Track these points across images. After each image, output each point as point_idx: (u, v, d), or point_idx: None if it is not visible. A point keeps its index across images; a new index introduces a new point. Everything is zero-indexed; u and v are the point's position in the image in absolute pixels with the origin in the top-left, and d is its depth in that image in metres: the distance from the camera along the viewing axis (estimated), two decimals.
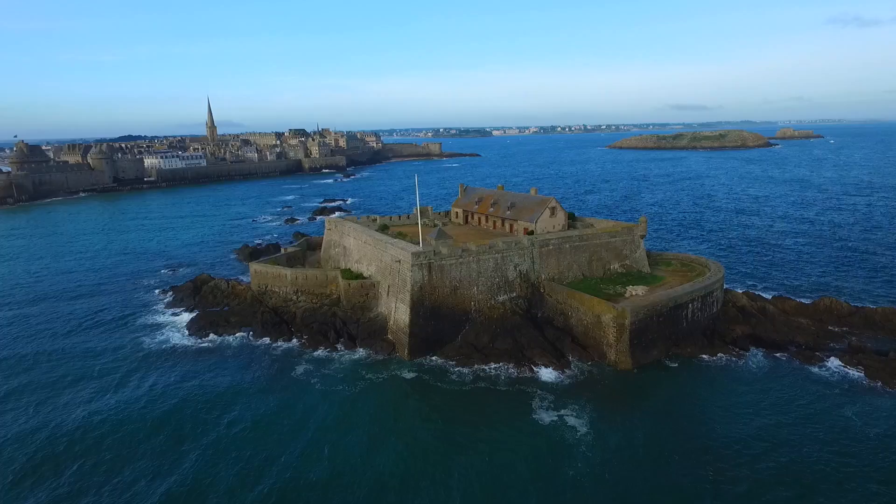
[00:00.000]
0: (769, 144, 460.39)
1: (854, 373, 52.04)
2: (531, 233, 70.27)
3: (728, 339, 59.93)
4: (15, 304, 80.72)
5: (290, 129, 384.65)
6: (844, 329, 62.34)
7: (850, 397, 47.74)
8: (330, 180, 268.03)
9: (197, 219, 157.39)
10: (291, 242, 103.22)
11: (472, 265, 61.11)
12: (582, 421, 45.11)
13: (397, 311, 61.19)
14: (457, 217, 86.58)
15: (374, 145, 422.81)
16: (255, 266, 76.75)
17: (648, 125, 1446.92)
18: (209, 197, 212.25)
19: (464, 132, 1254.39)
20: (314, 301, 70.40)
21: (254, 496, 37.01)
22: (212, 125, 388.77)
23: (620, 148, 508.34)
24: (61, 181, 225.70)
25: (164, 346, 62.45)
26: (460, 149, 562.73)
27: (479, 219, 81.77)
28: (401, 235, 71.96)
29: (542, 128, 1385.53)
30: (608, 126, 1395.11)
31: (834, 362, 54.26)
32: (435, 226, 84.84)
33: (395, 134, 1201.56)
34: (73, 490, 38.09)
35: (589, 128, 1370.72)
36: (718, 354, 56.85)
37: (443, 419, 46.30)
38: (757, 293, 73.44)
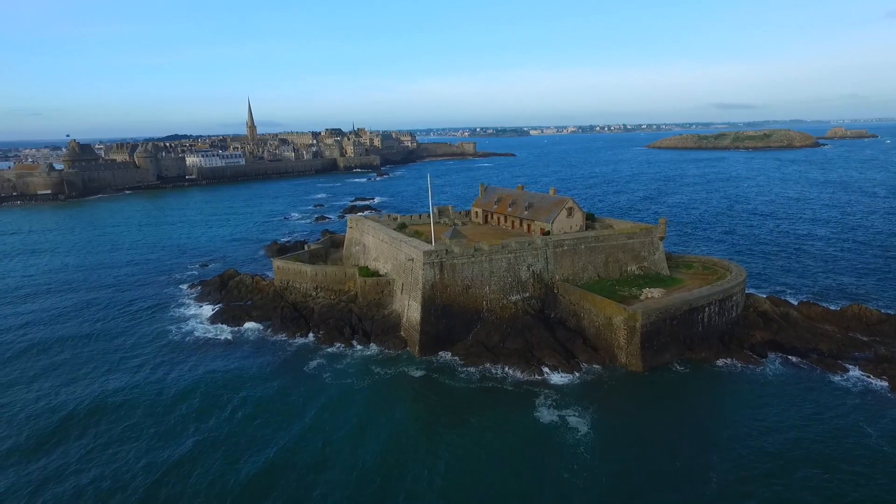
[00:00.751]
0: (817, 145, 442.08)
1: (877, 383, 50.03)
2: (547, 233, 70.02)
3: (746, 345, 58.44)
4: (54, 291, 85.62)
5: (327, 129, 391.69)
6: (873, 338, 59.75)
7: (869, 410, 45.83)
8: (363, 179, 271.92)
9: (231, 216, 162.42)
10: (317, 240, 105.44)
11: (484, 264, 61.41)
12: (583, 422, 44.91)
13: (410, 308, 62.05)
14: (476, 217, 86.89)
15: (409, 145, 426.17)
16: (277, 262, 78.96)
17: (691, 125, 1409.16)
18: (245, 194, 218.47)
19: (501, 132, 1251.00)
20: (332, 297, 71.96)
21: (240, 477, 38.71)
22: (252, 125, 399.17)
23: (659, 148, 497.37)
24: (109, 178, 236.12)
25: (186, 336, 65.08)
26: (495, 148, 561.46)
27: (499, 219, 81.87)
28: (417, 234, 72.83)
29: (580, 127, 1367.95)
30: (648, 126, 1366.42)
31: (856, 372, 52.28)
32: (454, 225, 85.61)
33: (432, 133, 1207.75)
34: (84, 454, 40.43)
35: (629, 127, 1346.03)
36: (734, 360, 55.52)
37: (439, 414, 46.89)
38: (784, 298, 71.31)
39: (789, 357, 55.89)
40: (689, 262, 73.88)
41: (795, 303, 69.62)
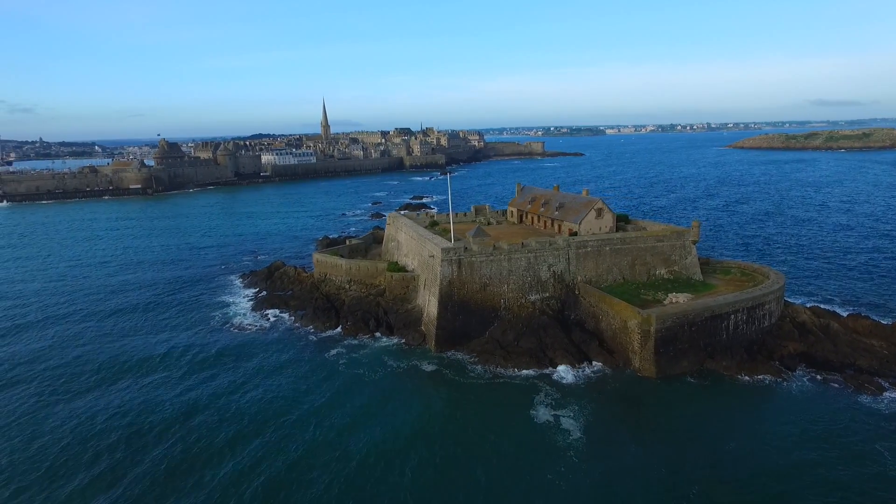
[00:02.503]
0: None
1: None
2: (575, 234, 69.38)
3: (775, 357, 55.47)
4: (118, 271, 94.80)
5: (396, 129, 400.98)
6: None
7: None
8: (425, 178, 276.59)
9: (293, 211, 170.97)
10: (359, 235, 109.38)
11: (503, 263, 61.94)
12: (578, 425, 44.63)
13: (429, 304, 63.70)
14: (512, 216, 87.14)
15: (476, 144, 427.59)
16: (316, 256, 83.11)
17: (784, 123, 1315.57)
18: (311, 191, 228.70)
19: (575, 131, 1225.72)
20: (363, 290, 74.93)
21: (217, 454, 42.08)
22: (326, 124, 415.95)
23: (741, 148, 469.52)
24: (192, 174, 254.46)
25: (224, 321, 70.32)
26: (567, 148, 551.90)
27: (532, 218, 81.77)
28: (445, 232, 74.29)
29: (660, 126, 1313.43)
30: (735, 124, 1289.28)
31: (893, 393, 48.41)
32: (489, 223, 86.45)
33: (505, 133, 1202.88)
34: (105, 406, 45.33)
35: (713, 126, 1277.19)
36: (759, 372, 52.88)
37: (437, 409, 48.10)
38: (832, 310, 66.72)
39: (821, 372, 52.50)
40: (727, 268, 70.69)
41: (845, 314, 64.98)
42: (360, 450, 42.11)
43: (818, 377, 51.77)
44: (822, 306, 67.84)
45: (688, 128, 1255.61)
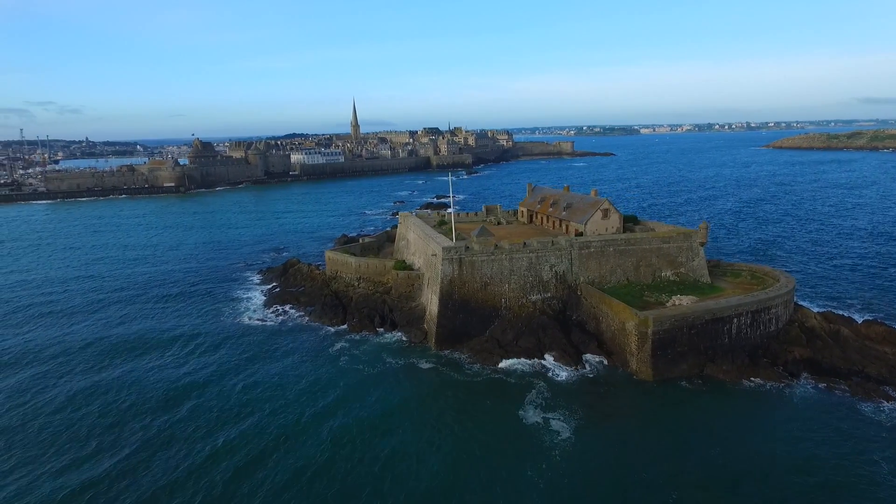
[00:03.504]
0: None
1: None
2: (580, 234, 69.06)
3: (779, 362, 54.19)
4: (141, 264, 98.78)
5: (425, 128, 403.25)
6: None
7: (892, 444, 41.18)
8: (452, 177, 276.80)
9: (317, 209, 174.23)
10: (372, 233, 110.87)
11: (503, 262, 62.18)
12: (567, 426, 44.57)
13: (431, 302, 64.41)
14: (522, 216, 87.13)
15: (505, 143, 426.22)
16: (328, 253, 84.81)
17: (829, 122, 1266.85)
18: (337, 190, 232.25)
19: (608, 130, 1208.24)
20: (370, 288, 76.15)
21: (219, 440, 43.37)
22: (355, 124, 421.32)
23: (780, 148, 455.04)
24: (224, 173, 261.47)
25: (233, 314, 72.60)
26: (598, 148, 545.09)
27: (542, 219, 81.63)
28: (450, 231, 74.78)
29: (696, 125, 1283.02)
30: (776, 123, 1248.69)
31: None
32: (499, 223, 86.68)
33: (537, 132, 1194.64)
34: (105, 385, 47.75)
35: (753, 125, 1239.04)
36: (760, 377, 51.80)
37: (426, 406, 48.50)
38: (848, 315, 64.75)
39: (826, 379, 51.03)
40: (737, 271, 69.26)
41: (860, 321, 62.96)
42: (334, 436, 43.58)
43: (822, 384, 50.37)
44: (838, 312, 65.88)
45: (726, 127, 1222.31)
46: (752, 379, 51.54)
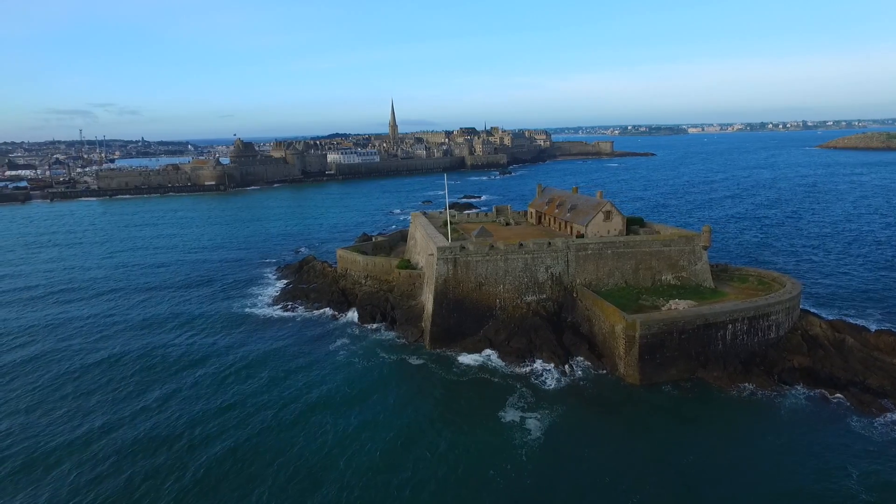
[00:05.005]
0: None
1: None
2: (581, 236, 68.68)
3: (775, 371, 52.65)
4: (167, 258, 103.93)
5: (461, 128, 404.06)
6: None
7: (880, 460, 39.55)
8: (484, 177, 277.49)
9: (346, 207, 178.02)
10: (386, 232, 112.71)
11: (499, 263, 62.59)
12: (541, 426, 44.77)
13: (427, 301, 65.44)
14: (531, 217, 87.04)
15: (542, 143, 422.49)
16: (339, 251, 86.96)
17: (895, 121, 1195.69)
18: (370, 189, 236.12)
19: (654, 129, 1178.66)
20: (376, 286, 77.81)
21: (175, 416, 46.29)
22: (393, 124, 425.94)
23: (833, 148, 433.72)
24: (262, 172, 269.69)
25: (245, 308, 75.66)
26: (640, 147, 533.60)
27: (549, 220, 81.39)
28: (454, 231, 75.59)
29: (748, 125, 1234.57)
30: (836, 122, 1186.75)
31: (894, 415, 44.89)
32: (507, 224, 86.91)
33: (580, 132, 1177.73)
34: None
35: (810, 124, 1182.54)
36: (751, 385, 50.50)
37: (403, 399, 49.76)
38: (862, 324, 62.10)
39: (822, 389, 49.35)
40: (744, 276, 67.38)
41: (873, 330, 60.27)
42: (307, 427, 45.55)
43: (816, 395, 48.76)
44: (857, 321, 63.22)
45: (780, 126, 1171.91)
46: (743, 386, 50.34)
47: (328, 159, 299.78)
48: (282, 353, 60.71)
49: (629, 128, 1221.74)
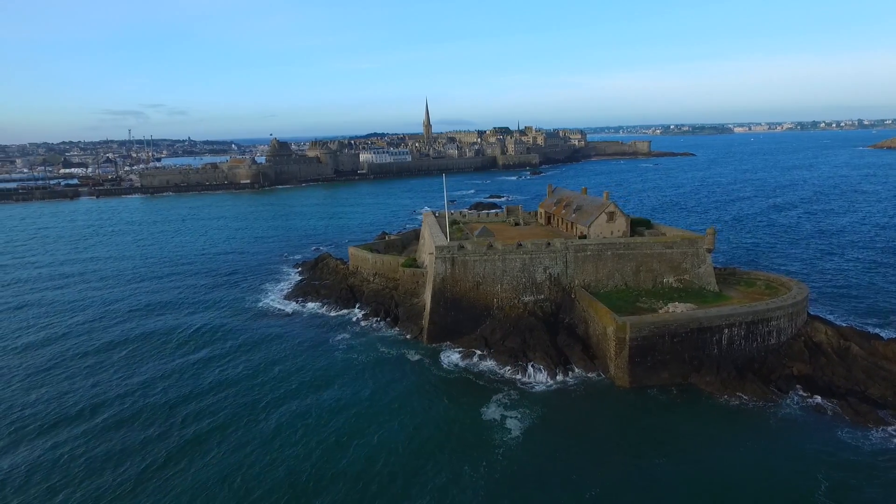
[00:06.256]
0: None
1: None
2: (584, 236, 68.30)
3: (772, 378, 51.34)
4: (189, 252, 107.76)
5: (494, 127, 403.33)
6: None
7: (860, 472, 38.25)
8: (514, 177, 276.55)
9: (371, 206, 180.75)
10: (399, 231, 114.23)
11: (497, 263, 62.96)
12: (521, 425, 45.03)
13: (427, 299, 66.36)
14: (541, 217, 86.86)
15: (577, 143, 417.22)
16: (351, 249, 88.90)
17: None
18: (399, 188, 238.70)
19: (698, 129, 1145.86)
20: (383, 283, 79.29)
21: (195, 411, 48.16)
22: (427, 124, 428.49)
23: (888, 148, 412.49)
24: (296, 171, 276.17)
25: (254, 301, 78.62)
26: (680, 147, 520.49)
27: (557, 220, 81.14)
28: (459, 231, 76.29)
29: (799, 123, 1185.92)
30: (895, 121, 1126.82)
31: (889, 428, 43.21)
32: (516, 224, 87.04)
33: (621, 131, 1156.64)
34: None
35: (866, 123, 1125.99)
36: (744, 391, 49.27)
37: (391, 394, 50.73)
38: (874, 332, 59.78)
39: (818, 398, 47.85)
40: (752, 280, 65.70)
41: (887, 338, 57.91)
42: (274, 415, 47.55)
43: (811, 403, 47.31)
44: (872, 330, 60.89)
45: (833, 125, 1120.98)
46: (736, 393, 49.26)
47: (360, 159, 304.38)
48: (278, 343, 63.09)
49: (672, 127, 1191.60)
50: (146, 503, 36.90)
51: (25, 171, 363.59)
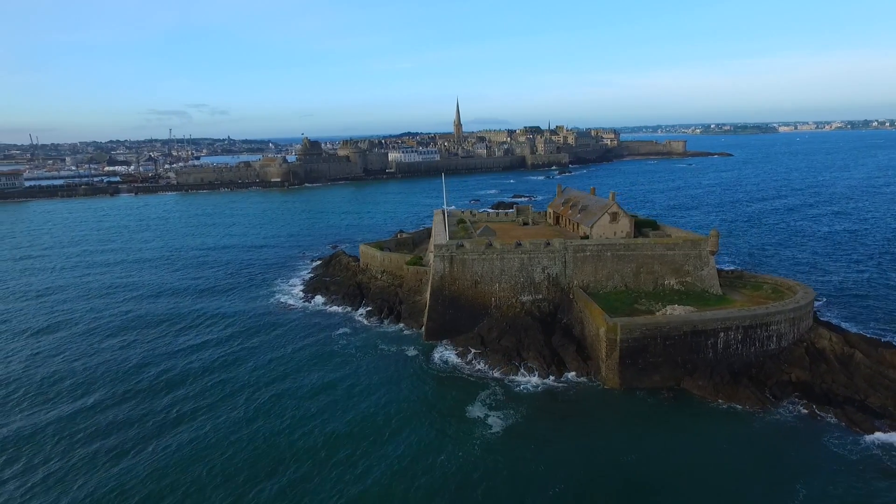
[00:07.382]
0: None
1: None
2: (587, 237, 67.85)
3: (769, 384, 50.12)
4: (213, 245, 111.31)
5: (524, 127, 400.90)
6: None
7: (848, 485, 37.16)
8: (542, 177, 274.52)
9: (396, 204, 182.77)
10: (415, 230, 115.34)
11: (495, 262, 63.23)
12: (503, 423, 45.32)
13: (427, 296, 67.13)
14: (549, 217, 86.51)
15: (609, 143, 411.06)
16: (361, 247, 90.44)
17: None
18: (425, 187, 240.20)
19: (740, 128, 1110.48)
20: (389, 280, 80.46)
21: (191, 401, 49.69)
22: (458, 123, 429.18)
23: None
24: (325, 170, 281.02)
25: (267, 296, 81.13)
26: (719, 147, 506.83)
27: (565, 220, 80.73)
28: (464, 230, 76.77)
29: (849, 122, 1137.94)
30: None
31: (887, 436, 41.77)
32: (525, 224, 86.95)
33: (659, 130, 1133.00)
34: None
35: None
36: (737, 397, 48.20)
37: (379, 388, 51.79)
38: (885, 339, 57.65)
39: (814, 405, 46.49)
40: (758, 283, 64.12)
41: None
42: (260, 406, 49.19)
43: (806, 411, 46.05)
44: (885, 336, 58.78)
45: (886, 123, 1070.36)
46: (726, 398, 48.30)
47: (389, 158, 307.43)
48: (277, 334, 65.38)
49: (712, 126, 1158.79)
50: (140, 468, 39.52)
51: (73, 168, 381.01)
